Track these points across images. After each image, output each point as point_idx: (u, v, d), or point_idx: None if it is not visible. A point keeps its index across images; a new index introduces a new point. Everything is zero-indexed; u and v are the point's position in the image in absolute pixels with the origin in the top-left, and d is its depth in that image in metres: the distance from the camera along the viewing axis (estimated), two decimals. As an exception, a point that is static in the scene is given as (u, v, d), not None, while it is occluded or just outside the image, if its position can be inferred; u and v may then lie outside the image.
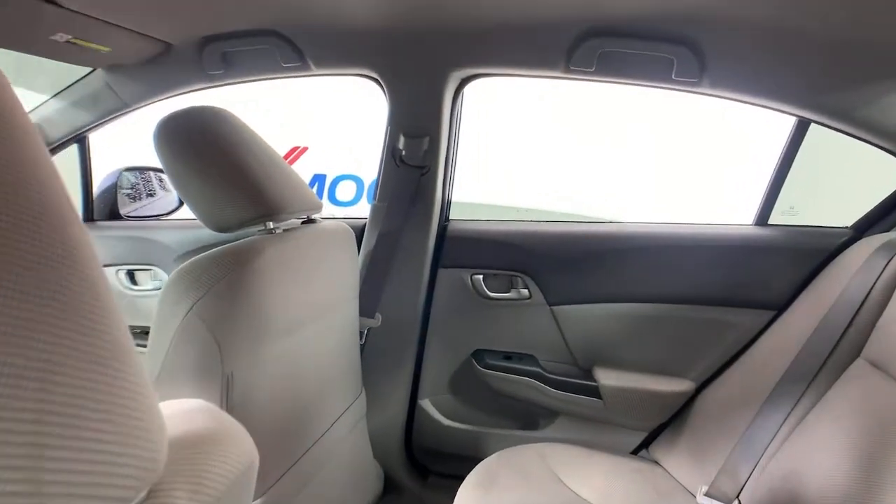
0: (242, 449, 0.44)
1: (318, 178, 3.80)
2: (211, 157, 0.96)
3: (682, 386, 1.43)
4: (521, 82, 1.39)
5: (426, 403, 1.59)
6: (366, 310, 1.40)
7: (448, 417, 1.59)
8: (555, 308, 1.48)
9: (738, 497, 1.13)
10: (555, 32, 1.21)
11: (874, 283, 1.10)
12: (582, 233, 1.49)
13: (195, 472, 0.37)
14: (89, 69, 1.45)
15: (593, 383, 1.46)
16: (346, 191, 3.82)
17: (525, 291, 1.49)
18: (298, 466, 1.06)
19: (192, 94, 1.51)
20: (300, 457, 1.08)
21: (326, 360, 1.18)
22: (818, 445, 1.02)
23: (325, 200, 3.78)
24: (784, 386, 1.16)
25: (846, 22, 1.03)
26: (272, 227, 1.02)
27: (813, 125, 1.30)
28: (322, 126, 3.69)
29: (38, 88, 1.60)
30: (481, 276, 1.50)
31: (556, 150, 3.00)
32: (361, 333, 1.41)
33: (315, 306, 1.09)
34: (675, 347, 1.44)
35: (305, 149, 3.80)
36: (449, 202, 1.53)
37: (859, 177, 1.44)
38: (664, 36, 1.16)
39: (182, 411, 0.45)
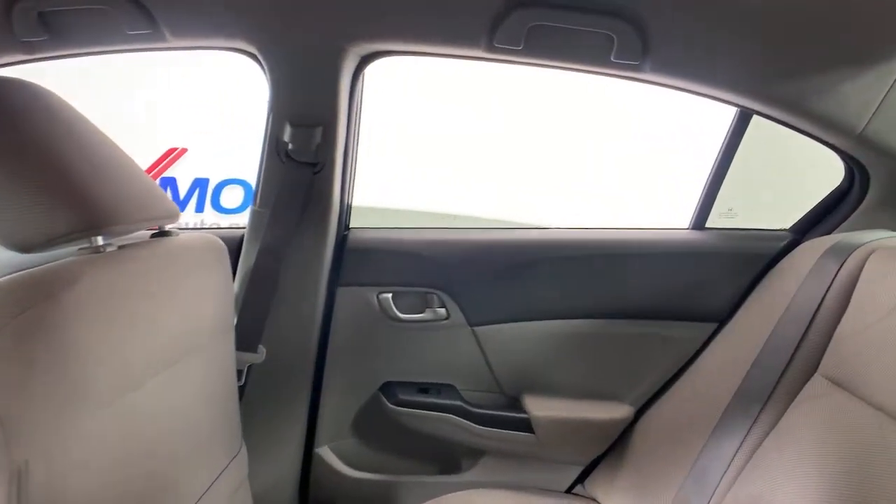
0: None
1: (200, 184, 3.42)
2: (6, 146, 0.67)
3: (620, 412, 1.29)
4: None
5: (325, 451, 1.34)
6: (246, 342, 1.13)
7: (353, 466, 1.35)
8: (477, 329, 1.29)
9: None
10: (474, 2, 1.01)
11: (826, 292, 1.00)
12: (506, 241, 1.32)
13: None
14: None
15: (523, 415, 1.29)
16: (232, 197, 3.50)
17: (442, 311, 1.28)
18: None
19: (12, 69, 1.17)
20: None
21: (188, 418, 0.89)
22: (782, 475, 0.89)
23: (207, 208, 3.42)
24: (735, 408, 1.04)
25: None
26: (101, 243, 0.73)
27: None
28: (205, 123, 3.28)
29: None
30: (390, 295, 1.27)
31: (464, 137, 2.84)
32: (240, 373, 1.13)
33: (167, 348, 0.81)
34: (611, 368, 1.31)
35: (184, 150, 3.38)
36: (349, 206, 1.29)
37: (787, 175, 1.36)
38: (604, 7, 0.99)
39: None
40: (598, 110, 2.61)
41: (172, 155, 3.42)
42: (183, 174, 3.37)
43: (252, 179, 3.12)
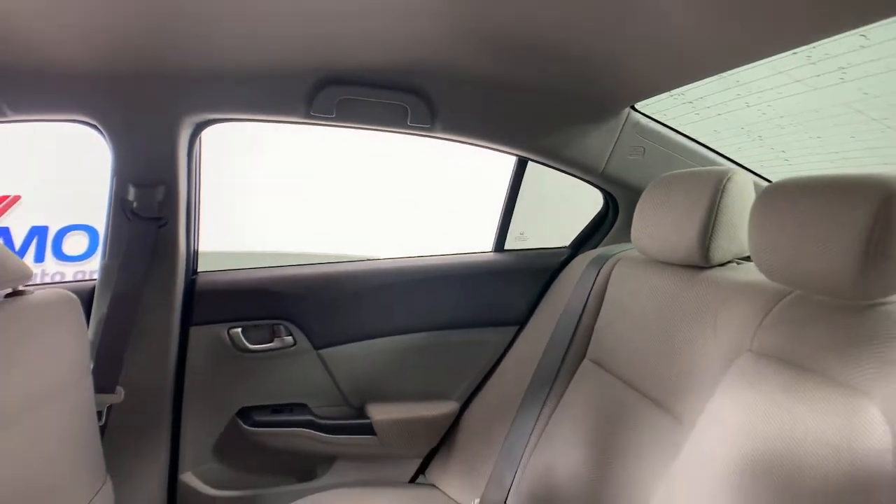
0: None
1: (38, 232, 3.29)
2: None
3: (447, 408, 1.52)
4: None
5: (189, 477, 1.44)
6: (104, 385, 1.22)
7: (216, 487, 1.46)
8: (322, 352, 1.47)
9: (505, 502, 1.22)
10: (292, 79, 1.22)
11: (589, 293, 1.28)
12: (341, 272, 1.51)
13: None
14: None
15: (366, 421, 1.48)
16: (75, 244, 3.35)
17: (289, 339, 1.44)
18: None
19: None
20: None
21: (51, 454, 0.99)
22: (563, 442, 1.15)
23: (48, 257, 3.30)
24: (531, 394, 1.29)
25: (548, 74, 1.23)
26: None
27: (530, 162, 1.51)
28: (40, 169, 3.20)
29: None
30: (239, 329, 1.41)
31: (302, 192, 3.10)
32: (100, 413, 1.22)
33: (29, 394, 0.91)
34: (438, 372, 1.53)
35: (17, 198, 3.27)
36: (195, 253, 1.42)
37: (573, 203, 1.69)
38: (397, 85, 1.24)
39: None
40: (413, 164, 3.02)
41: (4, 203, 3.28)
42: (18, 223, 3.24)
43: (96, 224, 3.08)
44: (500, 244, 1.61)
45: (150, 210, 1.26)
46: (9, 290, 0.98)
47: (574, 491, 1.06)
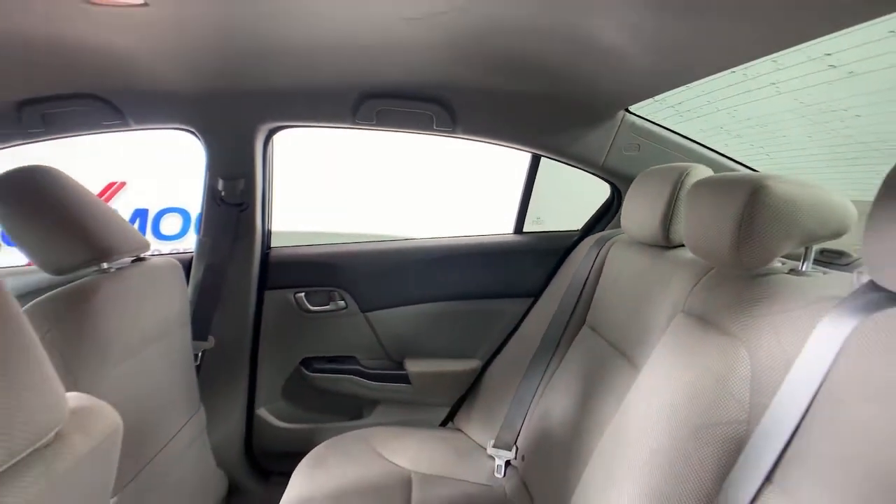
0: (109, 414, 0.66)
1: (140, 214, 3.72)
2: (46, 212, 1.09)
3: (471, 364, 1.79)
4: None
5: (263, 412, 1.78)
6: (199, 333, 1.56)
7: (284, 420, 1.79)
8: (368, 314, 1.77)
9: (515, 443, 1.47)
10: (340, 95, 1.52)
11: (591, 269, 1.49)
12: (385, 249, 1.80)
13: (84, 424, 0.60)
14: None
15: (404, 372, 1.77)
16: (171, 225, 3.76)
17: (342, 303, 1.75)
18: (145, 473, 1.20)
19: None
20: (145, 465, 1.21)
21: (162, 381, 1.31)
22: (560, 394, 1.38)
23: (148, 235, 3.67)
24: (539, 355, 1.52)
25: (550, 85, 1.46)
26: (105, 267, 1.16)
27: (543, 158, 1.74)
28: (141, 158, 3.59)
29: None
30: (303, 294, 1.73)
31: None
32: (196, 355, 1.55)
33: (148, 334, 1.23)
34: (465, 334, 1.80)
35: (123, 184, 3.69)
36: (269, 232, 1.75)
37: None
38: (423, 97, 1.52)
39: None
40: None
41: (113, 188, 3.68)
42: (123, 206, 3.64)
43: (188, 206, 3.49)
44: (518, 227, 1.86)
45: (234, 198, 1.60)
46: (134, 257, 1.31)
47: (563, 429, 1.29)
